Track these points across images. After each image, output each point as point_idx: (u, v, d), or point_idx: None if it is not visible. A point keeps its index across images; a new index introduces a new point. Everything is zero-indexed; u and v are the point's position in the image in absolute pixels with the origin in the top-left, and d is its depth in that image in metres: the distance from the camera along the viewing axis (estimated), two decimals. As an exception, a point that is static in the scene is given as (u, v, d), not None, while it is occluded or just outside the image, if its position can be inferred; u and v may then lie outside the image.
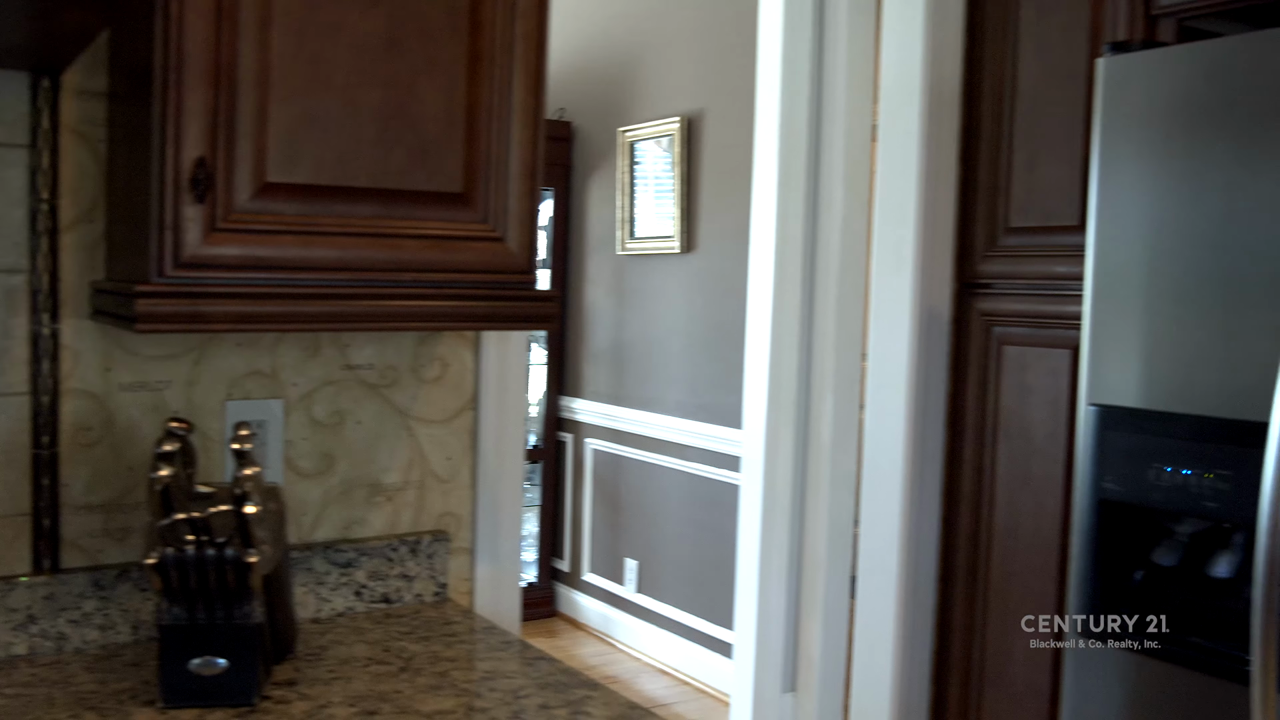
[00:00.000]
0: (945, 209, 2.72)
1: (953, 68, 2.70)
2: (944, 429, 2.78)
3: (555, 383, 5.47)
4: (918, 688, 2.84)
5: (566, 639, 5.24)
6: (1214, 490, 1.93)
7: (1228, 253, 1.92)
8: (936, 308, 2.75)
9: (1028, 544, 2.53)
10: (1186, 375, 1.99)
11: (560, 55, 5.39)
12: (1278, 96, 1.86)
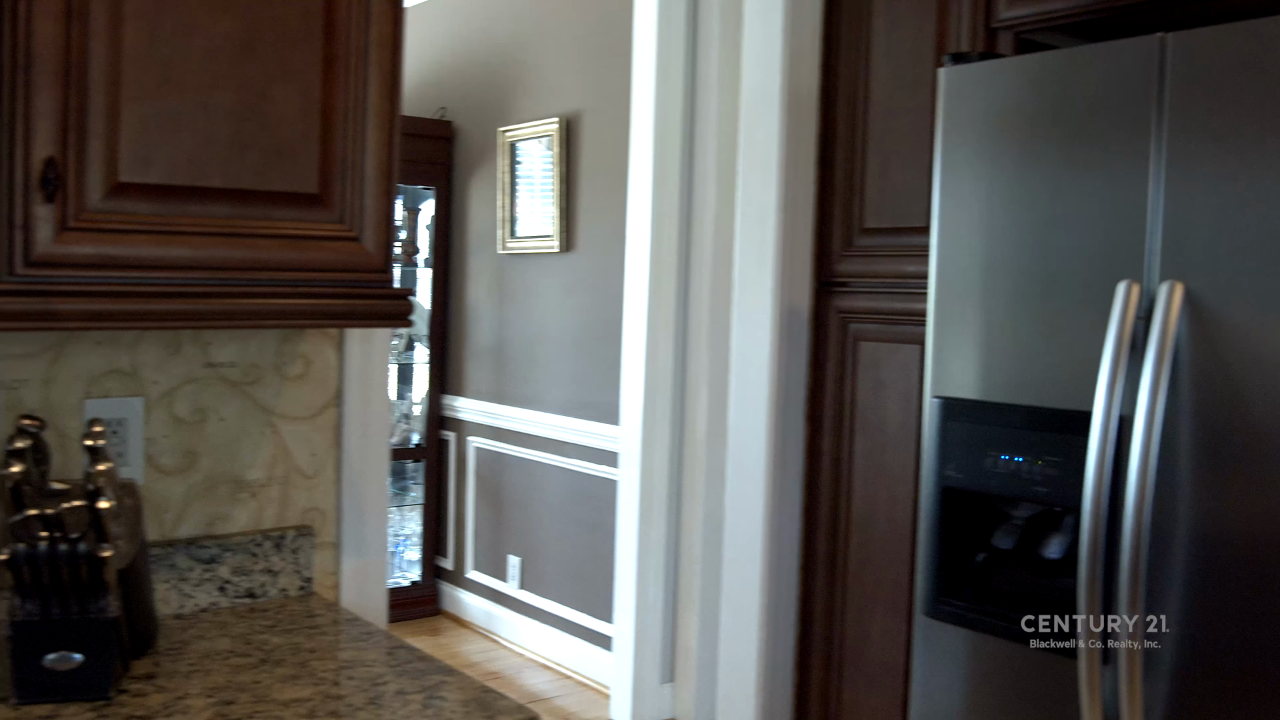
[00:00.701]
0: (804, 211, 2.83)
1: (810, 76, 2.80)
2: (804, 422, 2.89)
3: (438, 381, 5.48)
4: (782, 672, 2.94)
5: (450, 636, 5.26)
6: (1045, 476, 2.06)
7: (1055, 254, 2.05)
8: (797, 305, 2.85)
9: (883, 531, 2.64)
10: (1019, 368, 2.11)
11: (441, 55, 5.42)
12: (1099, 107, 1.99)
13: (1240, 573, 1.84)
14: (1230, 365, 1.83)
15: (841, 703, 2.81)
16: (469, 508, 5.35)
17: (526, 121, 4.88)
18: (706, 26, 3.68)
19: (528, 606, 4.97)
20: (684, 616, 3.95)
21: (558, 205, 4.69)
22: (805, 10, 2.78)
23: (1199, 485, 1.88)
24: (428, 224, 5.51)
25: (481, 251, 5.24)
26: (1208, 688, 1.89)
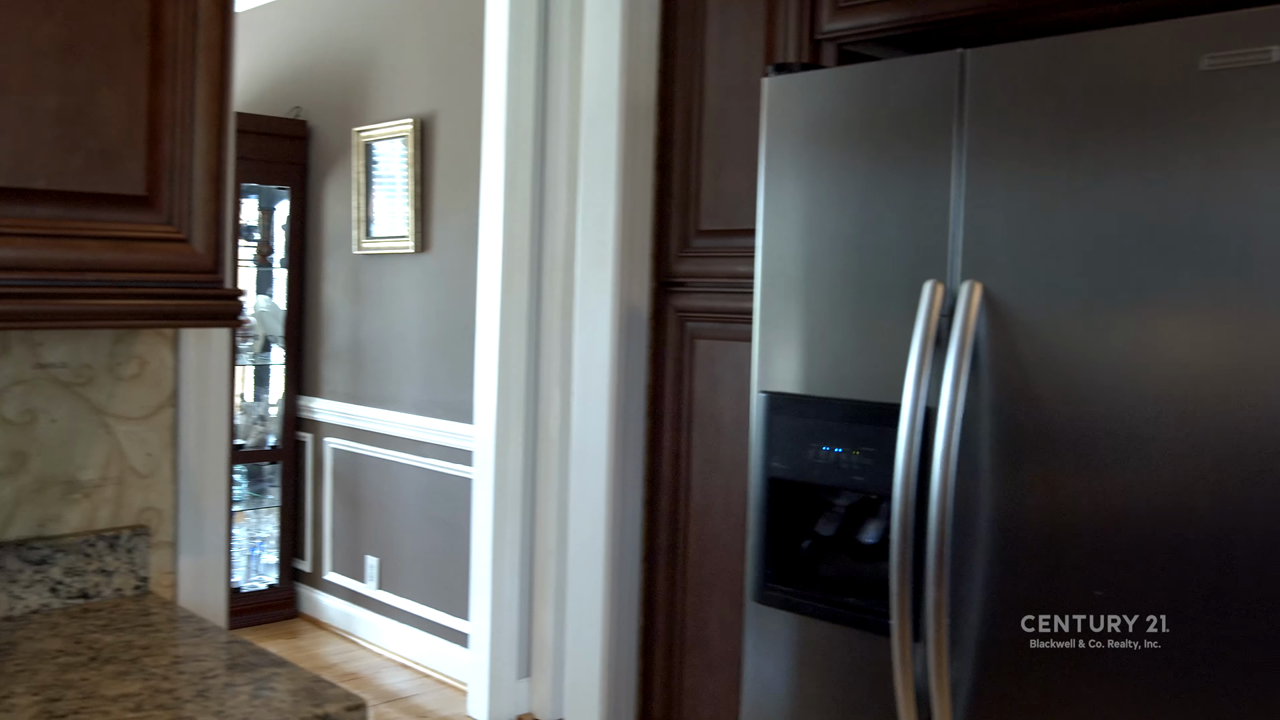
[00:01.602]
0: (643, 214, 2.92)
1: (648, 83, 2.90)
2: (645, 418, 2.98)
3: (294, 382, 5.44)
4: (627, 661, 3.03)
5: (308, 639, 5.22)
6: (861, 466, 2.18)
7: (869, 255, 2.17)
8: (636, 305, 2.94)
9: (719, 522, 2.74)
10: (838, 363, 2.23)
11: (295, 54, 5.38)
12: (907, 117, 2.12)
13: (1035, 552, 1.99)
14: (1023, 359, 1.98)
15: (683, 689, 2.91)
16: (326, 509, 5.32)
17: (381, 122, 4.89)
18: (557, 32, 3.75)
19: (386, 606, 4.97)
20: (539, 612, 4.01)
21: (413, 206, 4.71)
22: (642, 20, 2.87)
23: (998, 471, 2.02)
24: (283, 224, 5.46)
25: (337, 251, 5.22)
26: (1008, 662, 2.03)
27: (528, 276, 3.92)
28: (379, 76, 4.93)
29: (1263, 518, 1.74)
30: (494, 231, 3.93)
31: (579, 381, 3.07)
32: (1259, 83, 1.72)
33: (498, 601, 4.04)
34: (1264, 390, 1.74)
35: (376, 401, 4.96)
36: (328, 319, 5.29)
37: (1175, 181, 1.81)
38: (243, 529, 5.46)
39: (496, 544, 4.02)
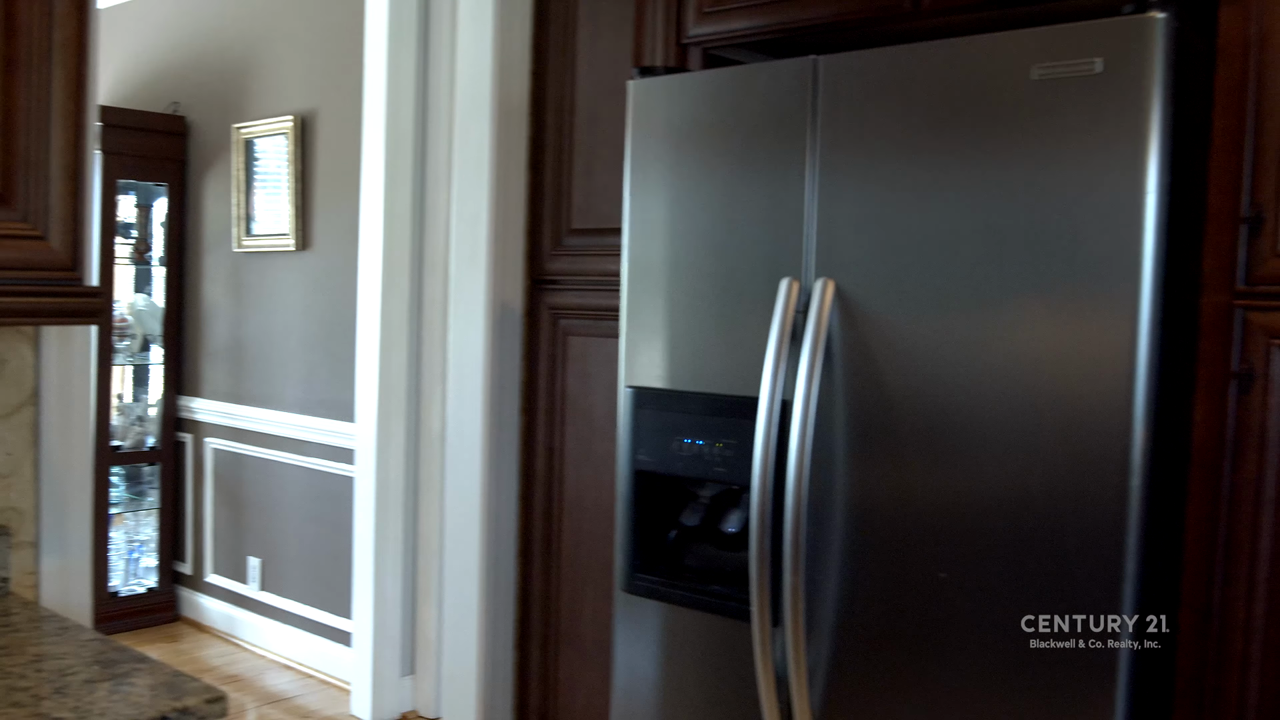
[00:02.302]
0: (516, 212, 2.96)
1: (520, 84, 2.94)
2: (520, 414, 3.02)
3: (174, 382, 5.36)
4: (503, 655, 3.07)
5: (190, 642, 5.15)
6: (723, 458, 2.25)
7: (729, 254, 2.25)
8: (510, 302, 2.98)
9: (592, 515, 2.80)
10: (700, 359, 2.30)
11: (173, 48, 5.30)
12: (764, 121, 2.20)
13: (886, 538, 2.08)
14: (874, 353, 2.06)
15: (559, 680, 2.96)
16: (207, 510, 5.26)
17: (262, 119, 4.84)
18: (438, 30, 3.77)
19: (269, 608, 4.93)
20: (423, 609, 4.03)
21: (293, 204, 4.68)
22: (515, 22, 2.92)
23: (852, 461, 2.10)
24: (161, 221, 5.37)
25: (217, 249, 5.16)
26: (863, 643, 2.12)
27: (409, 274, 3.92)
28: (259, 73, 4.88)
29: (1093, 504, 1.85)
30: (374, 230, 3.93)
31: (453, 379, 3.10)
32: (1084, 92, 1.82)
33: (380, 600, 4.05)
34: (1092, 383, 1.85)
35: (258, 401, 4.92)
36: (208, 318, 5.22)
37: (1010, 184, 1.91)
38: (121, 532, 5.36)
39: (379, 542, 4.02)
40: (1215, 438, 1.89)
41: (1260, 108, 1.84)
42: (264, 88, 4.85)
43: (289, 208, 4.71)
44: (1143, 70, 1.77)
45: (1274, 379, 1.84)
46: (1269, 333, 1.84)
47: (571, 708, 2.93)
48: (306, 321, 4.68)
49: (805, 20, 2.36)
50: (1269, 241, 1.84)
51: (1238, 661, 1.89)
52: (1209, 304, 1.90)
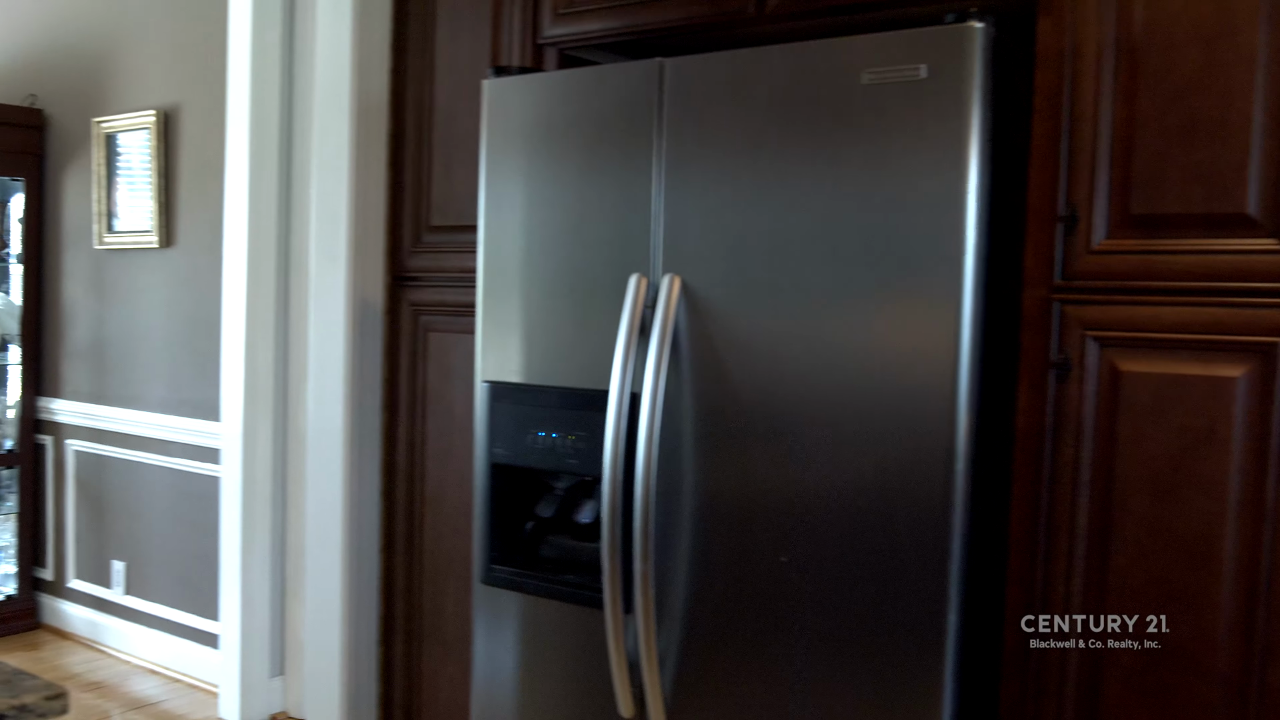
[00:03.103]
0: (376, 210, 2.98)
1: (380, 81, 2.95)
2: (381, 410, 3.03)
3: (32, 383, 5.21)
4: (367, 651, 3.08)
5: (51, 650, 5.02)
6: (575, 450, 2.30)
7: (581, 251, 2.30)
8: (370, 299, 2.99)
9: (453, 509, 2.83)
10: (553, 353, 2.35)
11: (31, 39, 5.16)
12: (613, 121, 2.25)
13: (732, 525, 2.15)
14: (719, 347, 2.14)
15: (423, 674, 2.98)
16: (69, 514, 5.13)
17: (124, 113, 4.74)
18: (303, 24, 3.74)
19: (134, 612, 4.83)
20: (292, 609, 3.99)
21: (157, 200, 4.60)
22: (375, 19, 2.93)
23: (699, 452, 2.17)
24: (19, 217, 5.22)
25: (78, 246, 5.03)
26: (711, 626, 2.19)
27: (275, 272, 3.89)
28: (121, 65, 4.78)
29: (921, 488, 1.95)
30: (239, 227, 3.89)
31: (314, 376, 3.10)
32: (910, 96, 1.92)
33: (248, 600, 4.01)
34: (919, 374, 1.95)
35: (121, 401, 4.81)
36: (68, 316, 5.09)
37: (843, 184, 2.00)
38: (-23, 538, 5.20)
39: (246, 542, 3.98)
40: (1037, 424, 2.00)
41: (1074, 113, 1.95)
42: (126, 81, 4.75)
43: (152, 204, 4.62)
44: (963, 76, 1.87)
45: (1089, 368, 1.96)
46: (1084, 325, 1.96)
47: (435, 701, 2.96)
48: (170, 320, 4.60)
49: (656, 23, 2.42)
50: (1083, 239, 1.96)
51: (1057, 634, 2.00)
52: (1030, 298, 2.01)
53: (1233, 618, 1.86)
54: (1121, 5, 1.91)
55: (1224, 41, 1.83)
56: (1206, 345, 1.87)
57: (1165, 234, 1.90)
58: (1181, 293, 1.89)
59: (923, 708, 1.97)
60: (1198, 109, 1.85)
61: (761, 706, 2.13)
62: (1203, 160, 1.85)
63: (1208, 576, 1.88)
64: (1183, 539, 1.89)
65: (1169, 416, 1.89)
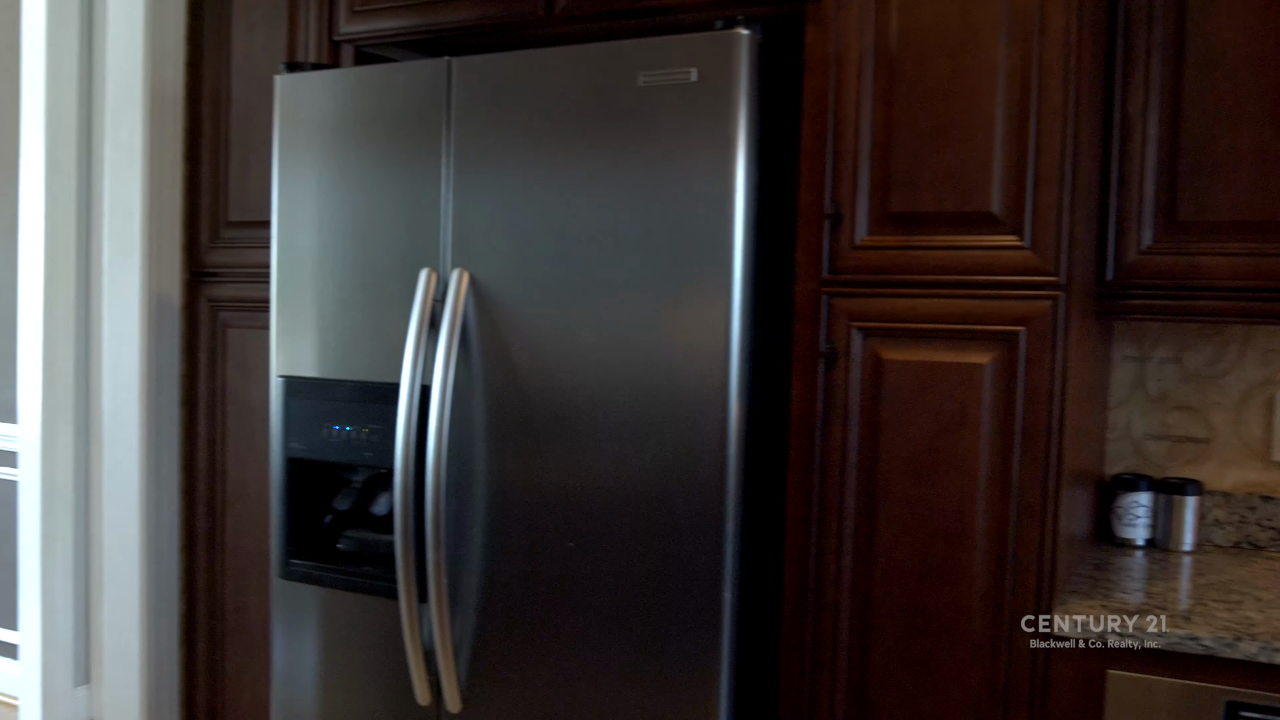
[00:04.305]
0: (172, 204, 2.94)
1: (175, 75, 2.91)
2: (180, 407, 3.00)
3: None
4: (168, 653, 3.03)
5: None
6: (370, 442, 2.33)
7: (373, 246, 2.33)
8: (167, 295, 2.96)
9: (255, 506, 2.81)
10: (347, 347, 2.37)
11: None
12: (403, 118, 2.29)
13: (523, 514, 2.21)
14: (507, 341, 2.19)
15: (227, 673, 2.96)
16: None
17: (-89, 103, 4.53)
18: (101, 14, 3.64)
19: (-74, 624, 4.63)
20: (97, 615, 3.88)
21: (-52, 194, 4.41)
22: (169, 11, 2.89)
23: (491, 443, 2.22)
24: None
25: None
26: (504, 613, 2.24)
27: (74, 269, 3.77)
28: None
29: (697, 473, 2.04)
30: (35, 222, 3.75)
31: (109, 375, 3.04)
32: (682, 98, 2.01)
33: (49, 608, 3.87)
34: (694, 365, 2.04)
35: (-89, 404, 4.60)
36: None
37: (624, 182, 2.08)
38: None
39: (46, 548, 3.84)
40: (808, 410, 2.12)
41: (839, 117, 2.07)
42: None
43: (-57, 198, 4.43)
44: (730, 80, 1.97)
45: (854, 357, 2.08)
46: (850, 316, 2.08)
47: (239, 700, 2.93)
48: (-36, 319, 4.42)
49: (449, 23, 2.46)
50: (847, 236, 2.08)
51: (831, 609, 2.12)
52: (801, 291, 2.12)
53: (984, 588, 2.01)
54: (879, 16, 2.03)
55: (969, 52, 1.97)
56: (958, 334, 2.01)
57: (920, 231, 2.03)
58: (936, 285, 2.02)
59: (702, 680, 2.06)
60: (947, 114, 1.99)
61: (553, 688, 2.20)
62: (952, 162, 1.99)
63: (962, 550, 2.02)
64: (940, 516, 2.03)
65: (926, 401, 2.03)
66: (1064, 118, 1.92)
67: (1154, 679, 1.89)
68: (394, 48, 2.66)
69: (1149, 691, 1.89)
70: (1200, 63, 2.14)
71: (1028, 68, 1.94)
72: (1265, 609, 1.99)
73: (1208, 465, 2.51)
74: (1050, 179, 1.93)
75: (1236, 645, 1.83)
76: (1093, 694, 1.94)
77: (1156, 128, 2.18)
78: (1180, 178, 2.16)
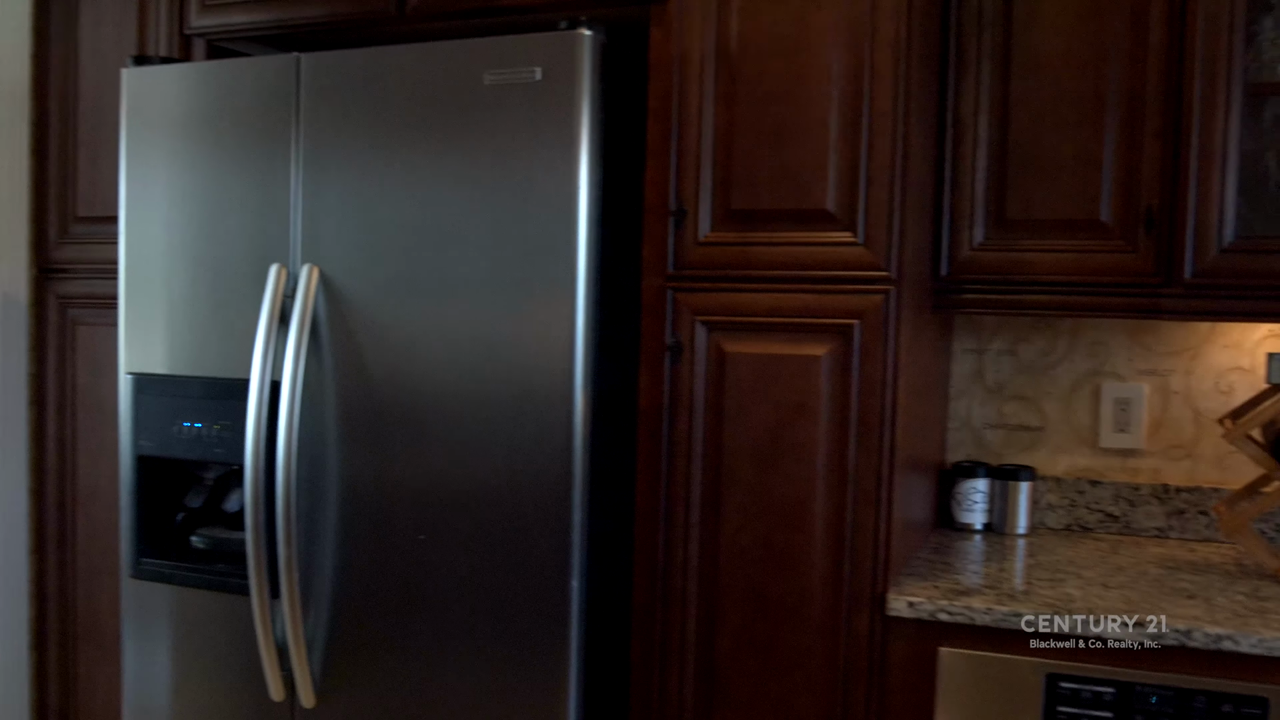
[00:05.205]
0: (18, 200, 2.87)
1: (20, 67, 2.85)
2: (28, 407, 2.93)
3: None
4: (16, 659, 2.97)
5: None
6: (220, 439, 2.32)
7: (223, 241, 2.32)
8: (13, 293, 2.89)
9: (106, 506, 2.76)
10: (198, 343, 2.35)
11: None
12: (252, 113, 2.28)
13: (375, 508, 2.22)
14: (357, 337, 2.21)
15: (79, 677, 2.90)
16: None
17: None
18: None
19: None
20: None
21: None
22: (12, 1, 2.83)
23: (342, 437, 2.23)
24: None
25: None
26: (358, 608, 2.25)
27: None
28: None
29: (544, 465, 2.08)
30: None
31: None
32: (527, 97, 2.05)
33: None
34: (541, 359, 2.08)
35: None
36: None
37: (472, 180, 2.11)
38: None
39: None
40: (656, 402, 2.17)
41: (682, 117, 2.13)
42: None
43: None
44: (574, 80, 2.01)
45: (699, 350, 2.14)
46: (694, 310, 2.14)
47: (92, 704, 2.88)
48: None
49: (302, 18, 2.46)
50: (691, 232, 2.14)
51: (679, 596, 2.18)
52: (648, 286, 2.17)
53: (824, 572, 2.08)
54: (721, 19, 2.10)
55: (805, 56, 2.04)
56: (797, 327, 2.08)
57: (760, 228, 2.10)
58: (775, 280, 2.10)
59: (553, 668, 2.10)
60: (785, 115, 2.06)
61: (408, 679, 2.22)
62: (790, 161, 2.06)
63: (803, 536, 2.09)
64: (782, 503, 2.10)
65: (768, 392, 2.10)
66: (894, 120, 2.01)
67: (981, 655, 1.99)
68: (247, 42, 2.64)
69: (977, 666, 1.99)
70: (1026, 69, 2.25)
71: (859, 72, 2.02)
72: (1085, 586, 2.10)
73: (1041, 452, 2.63)
74: (882, 179, 2.02)
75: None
76: (926, 670, 2.03)
77: (987, 130, 2.28)
78: (1009, 178, 2.27)
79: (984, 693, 1.99)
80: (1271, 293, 2.10)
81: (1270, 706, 1.83)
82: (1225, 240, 2.11)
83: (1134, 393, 2.55)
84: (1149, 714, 1.89)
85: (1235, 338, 2.48)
